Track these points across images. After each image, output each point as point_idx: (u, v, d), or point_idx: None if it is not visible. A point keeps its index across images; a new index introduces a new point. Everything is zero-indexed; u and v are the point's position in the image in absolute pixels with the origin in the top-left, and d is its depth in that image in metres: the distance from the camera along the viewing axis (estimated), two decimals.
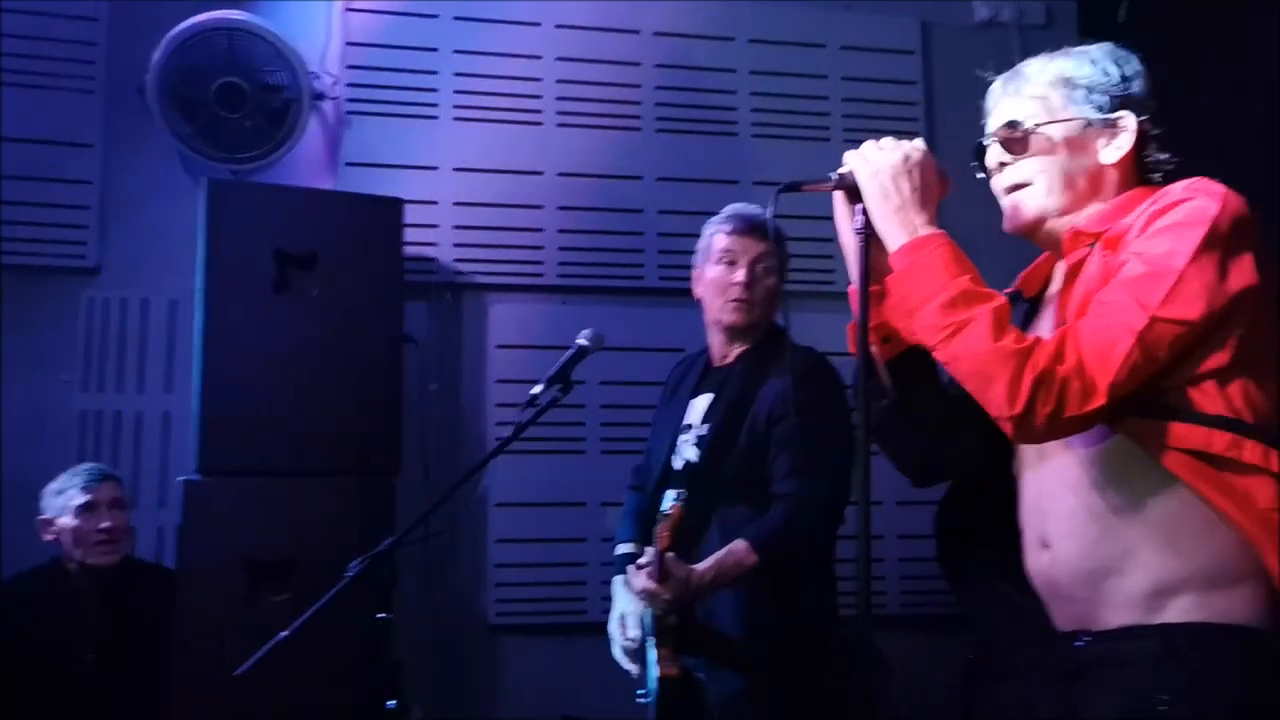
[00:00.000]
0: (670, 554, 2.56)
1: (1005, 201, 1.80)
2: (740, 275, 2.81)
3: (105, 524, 3.26)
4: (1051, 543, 1.71)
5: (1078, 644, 1.67)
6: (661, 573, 2.55)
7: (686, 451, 2.83)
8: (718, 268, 2.86)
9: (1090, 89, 1.73)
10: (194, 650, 3.10)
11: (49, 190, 3.80)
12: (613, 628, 2.89)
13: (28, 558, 3.35)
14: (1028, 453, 1.76)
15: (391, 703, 2.58)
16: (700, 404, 2.88)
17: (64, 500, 3.26)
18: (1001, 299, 1.63)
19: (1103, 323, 1.56)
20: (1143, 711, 1.55)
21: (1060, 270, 1.77)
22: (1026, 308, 1.84)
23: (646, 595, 2.61)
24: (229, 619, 3.10)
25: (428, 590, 3.78)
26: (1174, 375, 1.57)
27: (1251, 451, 1.56)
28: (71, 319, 3.80)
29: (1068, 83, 1.74)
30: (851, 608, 1.73)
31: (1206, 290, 1.54)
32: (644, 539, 2.85)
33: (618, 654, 2.88)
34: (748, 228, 2.83)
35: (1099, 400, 1.53)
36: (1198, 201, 1.59)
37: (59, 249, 3.81)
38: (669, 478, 2.86)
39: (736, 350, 2.88)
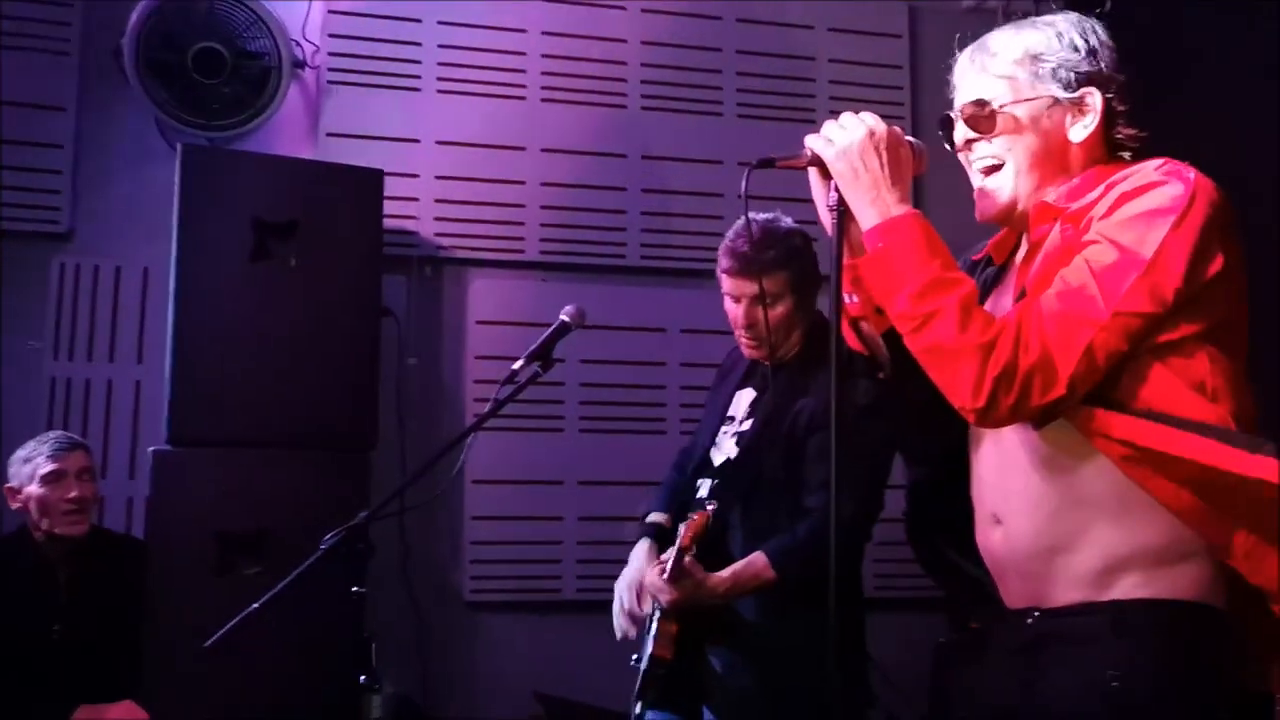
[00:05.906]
0: (690, 556, 2.54)
1: (976, 185, 1.78)
2: (740, 317, 2.72)
3: (73, 494, 3.20)
4: (1004, 519, 1.72)
5: (1029, 620, 1.69)
6: (676, 571, 2.52)
7: (726, 445, 2.78)
8: (728, 302, 2.76)
9: (1056, 65, 1.71)
10: (163, 622, 3.06)
11: (20, 153, 3.71)
12: (620, 585, 2.77)
13: None
14: (977, 430, 1.76)
15: (363, 677, 2.56)
16: (745, 398, 2.82)
17: (31, 468, 3.20)
18: (969, 285, 1.63)
19: (1065, 313, 1.56)
20: (1096, 687, 1.57)
21: (1025, 241, 1.77)
22: (993, 273, 1.85)
23: (654, 591, 2.59)
24: (199, 591, 3.06)
25: (404, 566, 3.75)
26: (1135, 362, 1.58)
27: (1182, 444, 1.54)
28: (41, 285, 3.72)
29: (1035, 59, 1.72)
30: None
31: (1173, 280, 1.55)
32: (675, 515, 2.81)
33: (615, 612, 2.76)
34: (739, 267, 2.68)
35: (1059, 391, 1.55)
36: (1168, 188, 1.58)
37: (30, 213, 3.73)
38: (706, 468, 2.80)
39: (779, 355, 2.76)
